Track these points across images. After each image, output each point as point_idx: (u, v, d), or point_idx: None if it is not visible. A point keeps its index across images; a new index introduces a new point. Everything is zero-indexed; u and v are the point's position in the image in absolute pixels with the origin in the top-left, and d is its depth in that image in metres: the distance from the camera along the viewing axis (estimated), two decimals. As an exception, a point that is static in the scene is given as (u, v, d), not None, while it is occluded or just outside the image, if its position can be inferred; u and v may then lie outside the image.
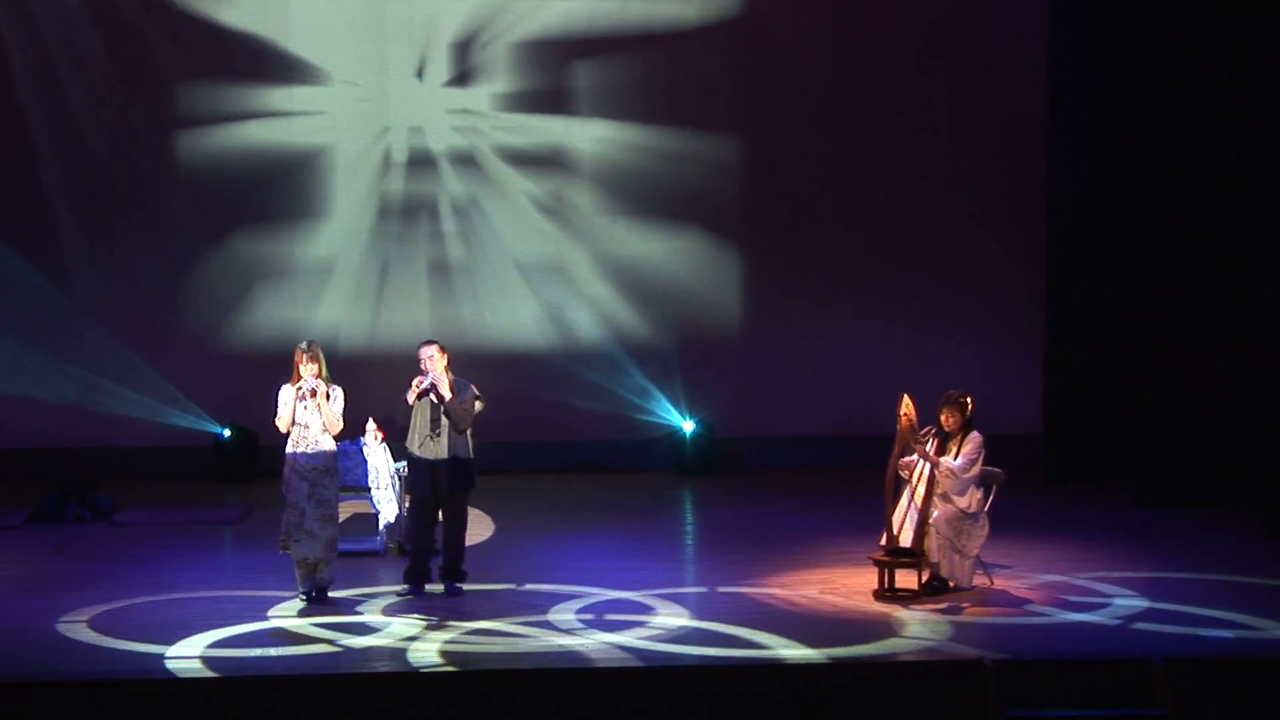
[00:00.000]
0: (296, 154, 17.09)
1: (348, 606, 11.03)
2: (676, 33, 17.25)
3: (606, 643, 10.04)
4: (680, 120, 17.29)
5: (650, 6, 17.21)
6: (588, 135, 17.28)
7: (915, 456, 11.35)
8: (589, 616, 10.73)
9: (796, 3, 17.30)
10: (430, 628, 10.42)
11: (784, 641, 10.02)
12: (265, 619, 10.69)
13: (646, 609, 10.92)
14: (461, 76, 17.19)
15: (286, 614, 10.82)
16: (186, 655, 9.75)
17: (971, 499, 11.23)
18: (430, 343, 11.51)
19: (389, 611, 10.90)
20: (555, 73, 17.22)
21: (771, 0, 17.28)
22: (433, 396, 11.28)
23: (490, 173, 17.30)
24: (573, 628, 10.43)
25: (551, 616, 10.72)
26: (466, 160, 17.27)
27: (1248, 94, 15.23)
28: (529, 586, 11.65)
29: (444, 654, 9.81)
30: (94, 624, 10.51)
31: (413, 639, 10.16)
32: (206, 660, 9.68)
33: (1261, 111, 15.20)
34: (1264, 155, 15.17)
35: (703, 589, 11.69)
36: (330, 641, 10.15)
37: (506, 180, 17.30)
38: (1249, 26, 15.21)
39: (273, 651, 9.87)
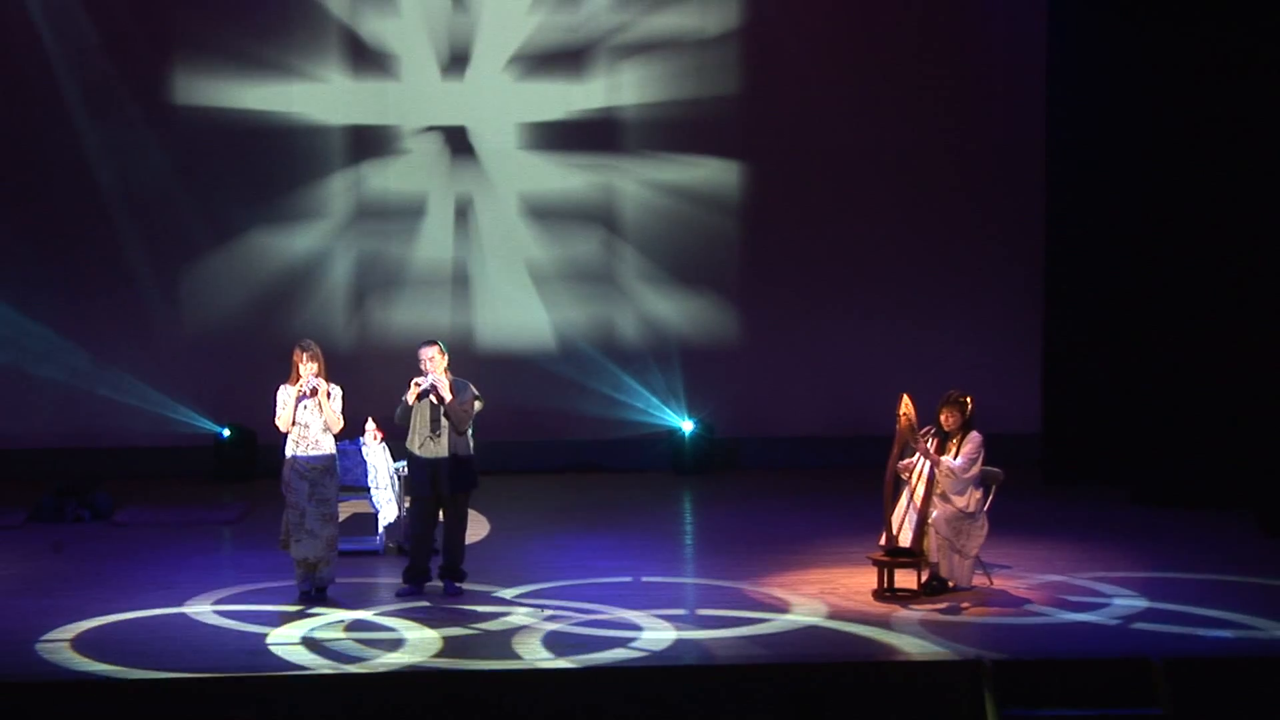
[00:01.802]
0: (299, 151, 17.07)
1: (347, 606, 11.03)
2: (680, 41, 17.24)
3: (604, 644, 10.04)
4: (682, 123, 17.29)
5: (654, 18, 17.20)
6: (590, 137, 17.27)
7: (915, 457, 11.36)
8: (585, 616, 10.73)
9: (797, 9, 17.30)
10: (427, 626, 10.44)
11: (784, 641, 10.03)
12: (262, 619, 10.71)
13: (644, 610, 10.92)
14: (464, 75, 17.19)
15: (284, 614, 10.85)
16: (184, 655, 9.78)
17: (971, 499, 11.24)
18: (431, 343, 11.50)
19: (388, 612, 10.90)
20: (556, 74, 17.23)
21: (773, 7, 17.28)
22: (432, 397, 11.29)
23: (491, 172, 17.30)
24: (570, 627, 10.44)
25: (548, 616, 10.73)
26: (467, 159, 17.26)
27: (1247, 94, 15.23)
28: (524, 584, 11.67)
29: (440, 653, 9.82)
30: (90, 624, 10.54)
31: (410, 639, 10.17)
32: (203, 660, 9.69)
33: (1260, 112, 15.20)
34: (1262, 155, 15.18)
35: (701, 589, 11.69)
36: (329, 641, 10.15)
37: (508, 180, 17.30)
38: (1248, 27, 15.21)
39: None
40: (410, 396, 11.28)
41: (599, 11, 17.15)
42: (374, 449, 12.78)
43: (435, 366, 11.33)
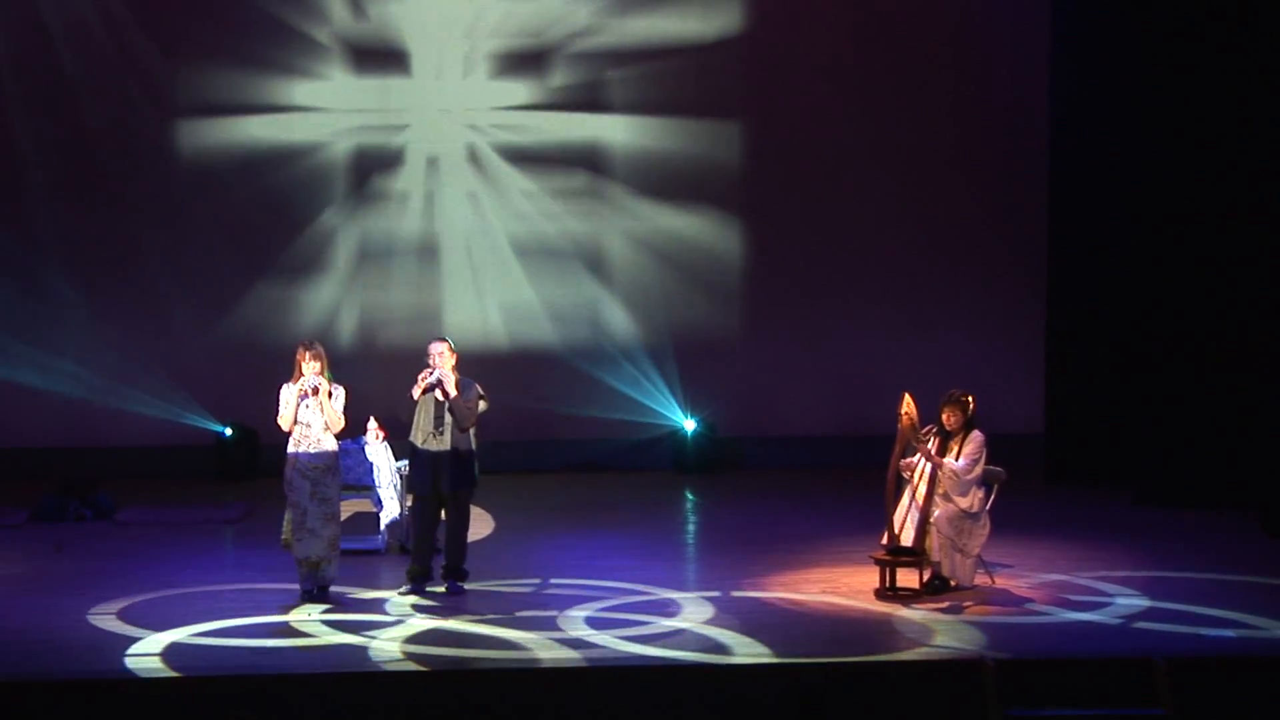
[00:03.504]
0: (301, 149, 17.08)
1: (349, 605, 11.03)
2: (685, 42, 17.25)
3: (607, 643, 10.04)
4: (684, 121, 17.30)
5: (661, 21, 17.21)
6: (592, 136, 17.28)
7: (917, 456, 11.35)
8: (589, 616, 10.73)
9: (800, 6, 17.30)
10: (429, 626, 10.43)
11: (785, 641, 10.02)
12: (265, 618, 10.71)
13: (647, 609, 10.92)
14: (466, 76, 17.20)
15: (286, 613, 10.84)
16: (187, 655, 9.77)
17: (973, 498, 11.23)
18: (440, 340, 11.53)
19: (390, 610, 10.90)
20: (560, 74, 17.23)
21: (776, 5, 17.28)
22: (437, 393, 11.30)
23: (493, 172, 17.30)
24: (573, 627, 10.44)
25: (551, 616, 10.73)
26: (469, 159, 17.28)
27: (1249, 92, 15.20)
28: (527, 583, 11.66)
29: (443, 652, 9.82)
30: (92, 623, 10.53)
31: (413, 638, 10.17)
32: (205, 659, 9.69)
33: (1263, 110, 15.17)
34: (1265, 155, 15.15)
35: (703, 588, 11.68)
36: (332, 641, 10.15)
37: (509, 179, 17.30)
38: (1251, 24, 15.18)
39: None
40: (416, 391, 11.29)
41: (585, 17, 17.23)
42: (376, 448, 12.78)
43: (443, 363, 11.35)
